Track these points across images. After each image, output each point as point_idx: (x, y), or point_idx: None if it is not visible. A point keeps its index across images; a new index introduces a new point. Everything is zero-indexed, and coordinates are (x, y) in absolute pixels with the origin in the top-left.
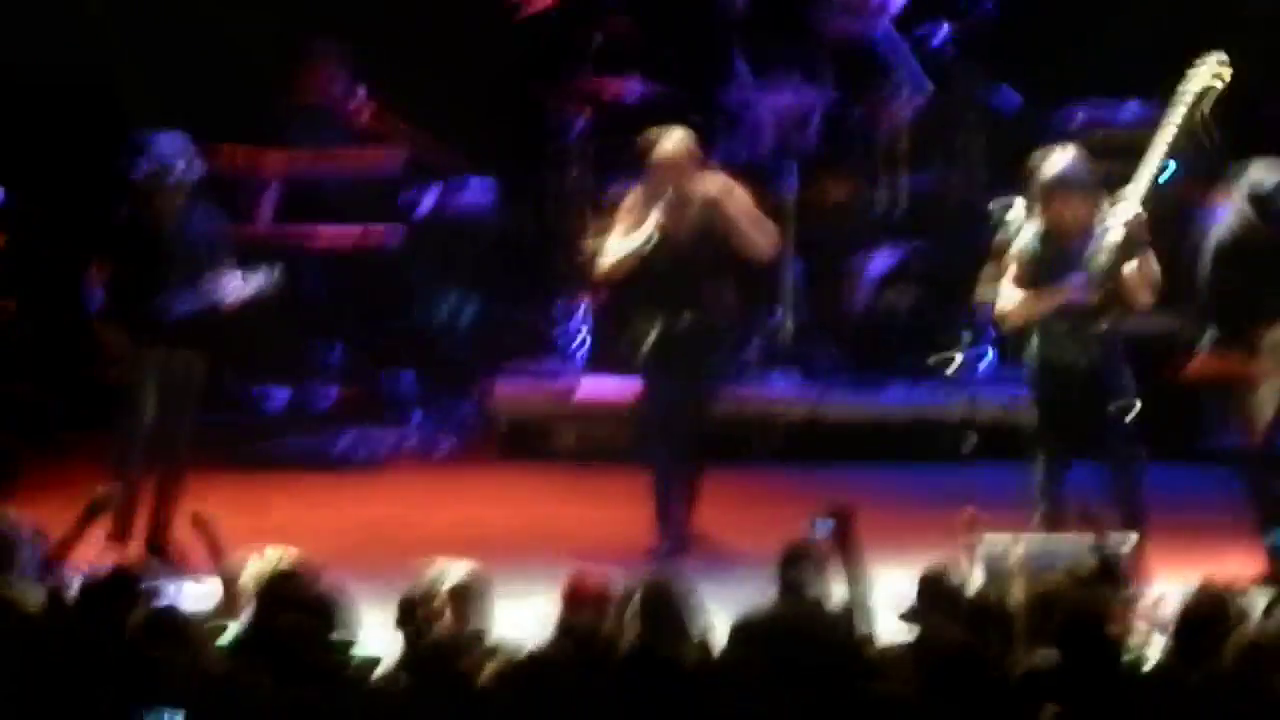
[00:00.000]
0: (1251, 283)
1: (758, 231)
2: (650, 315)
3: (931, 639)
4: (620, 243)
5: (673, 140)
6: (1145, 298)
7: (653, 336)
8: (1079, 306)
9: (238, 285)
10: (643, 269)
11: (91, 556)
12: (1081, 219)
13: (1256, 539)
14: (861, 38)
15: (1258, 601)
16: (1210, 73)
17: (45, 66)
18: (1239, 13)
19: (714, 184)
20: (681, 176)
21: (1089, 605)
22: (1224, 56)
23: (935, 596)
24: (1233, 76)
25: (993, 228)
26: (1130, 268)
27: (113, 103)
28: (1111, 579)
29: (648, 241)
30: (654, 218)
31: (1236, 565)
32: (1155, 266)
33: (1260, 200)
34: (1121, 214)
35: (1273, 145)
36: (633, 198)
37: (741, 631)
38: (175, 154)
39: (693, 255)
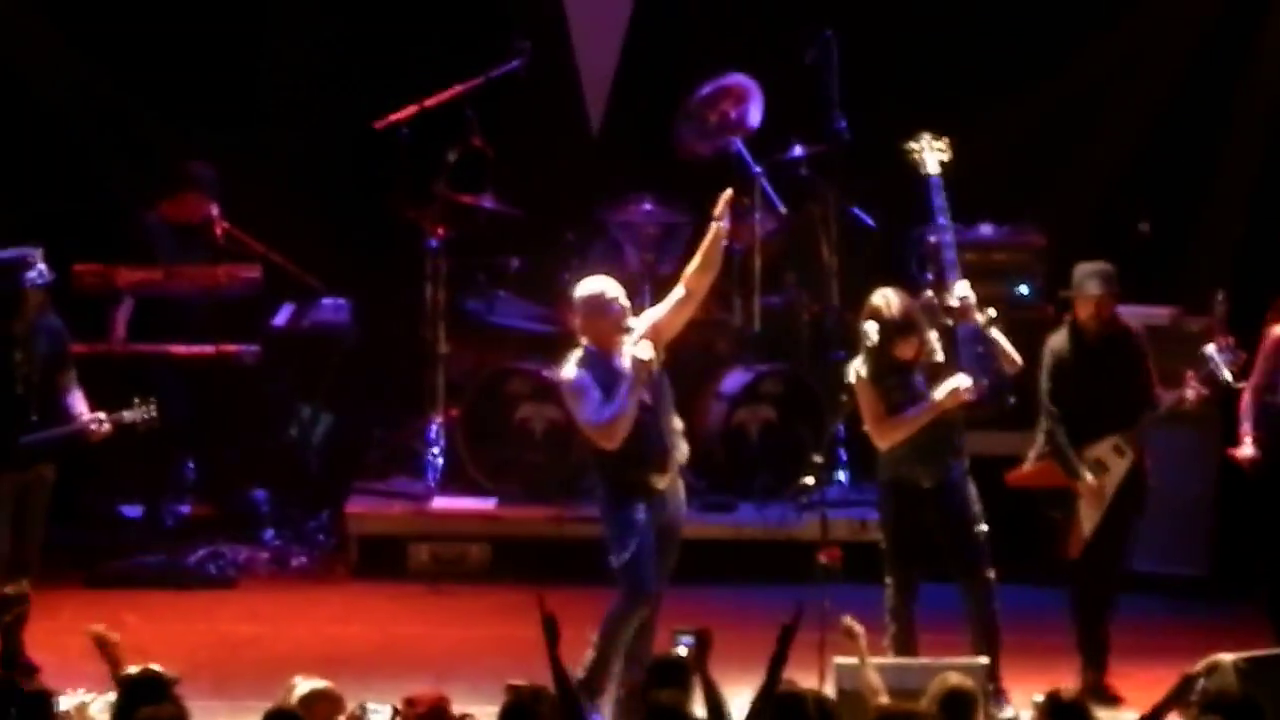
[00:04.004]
0: (1078, 398)
1: (706, 277)
2: (635, 473)
3: None
4: (610, 407)
5: (587, 288)
6: (1010, 367)
7: (643, 514)
8: (965, 403)
9: (102, 420)
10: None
11: None
12: (915, 353)
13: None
14: (716, 157)
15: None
16: (934, 148)
17: None
18: (1091, 134)
19: (643, 344)
20: (607, 325)
21: None
22: (927, 135)
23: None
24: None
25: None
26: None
27: None
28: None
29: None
30: (628, 375)
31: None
32: (1002, 336)
33: None
34: (956, 294)
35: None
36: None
37: None
38: (32, 259)
39: (661, 400)
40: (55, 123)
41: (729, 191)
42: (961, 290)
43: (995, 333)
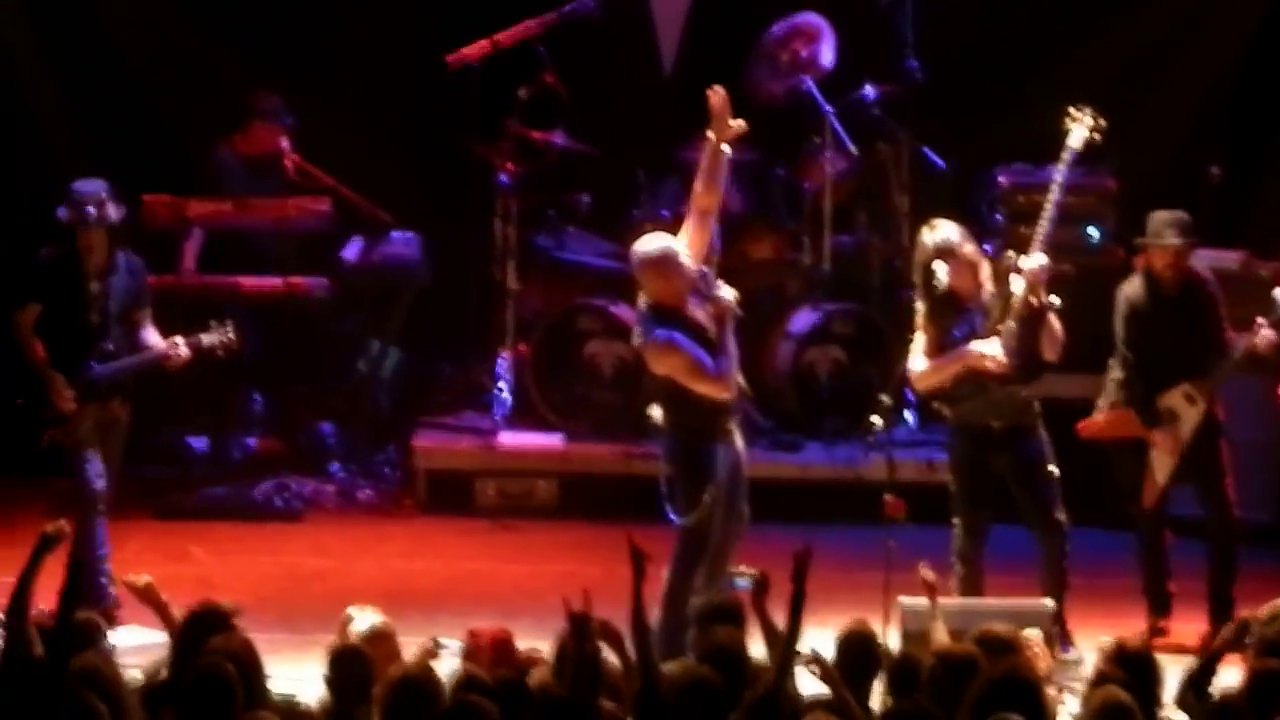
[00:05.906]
0: (1152, 347)
1: (713, 192)
2: (719, 417)
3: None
4: (720, 358)
5: (655, 247)
6: (1051, 354)
7: (721, 457)
8: (987, 372)
9: (181, 345)
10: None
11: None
12: (969, 284)
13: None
14: (788, 97)
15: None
16: (1087, 126)
17: None
18: (1163, 79)
19: (724, 286)
20: (683, 283)
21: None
22: (1092, 110)
23: (854, 657)
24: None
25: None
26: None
27: (42, 150)
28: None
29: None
30: (709, 323)
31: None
32: (1058, 323)
33: None
34: (1029, 263)
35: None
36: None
37: (660, 684)
38: (94, 196)
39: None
40: (127, 55)
41: (718, 91)
42: (1037, 261)
43: (1052, 317)
